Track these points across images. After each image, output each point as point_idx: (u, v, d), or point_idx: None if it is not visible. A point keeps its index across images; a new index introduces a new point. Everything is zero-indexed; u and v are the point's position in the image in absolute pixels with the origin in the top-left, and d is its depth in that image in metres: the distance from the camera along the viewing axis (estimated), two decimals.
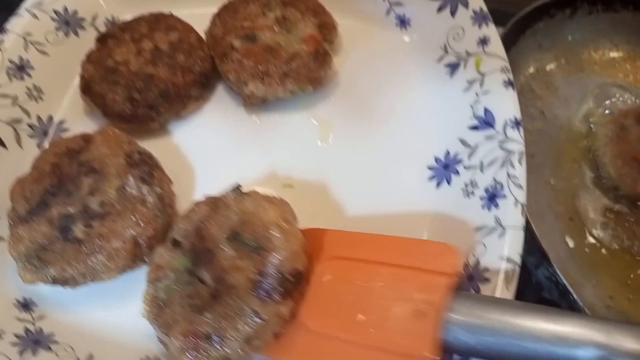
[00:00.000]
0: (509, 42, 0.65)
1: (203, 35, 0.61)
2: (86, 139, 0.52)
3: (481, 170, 0.49)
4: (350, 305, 0.41)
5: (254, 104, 0.57)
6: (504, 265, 0.42)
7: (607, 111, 0.69)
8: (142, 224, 0.48)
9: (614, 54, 0.74)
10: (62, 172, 0.50)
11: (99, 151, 0.51)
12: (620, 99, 0.70)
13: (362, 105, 0.58)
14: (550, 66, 0.72)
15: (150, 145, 0.54)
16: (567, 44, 0.73)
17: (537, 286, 0.55)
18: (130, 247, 0.47)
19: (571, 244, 0.60)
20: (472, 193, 0.49)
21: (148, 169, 0.51)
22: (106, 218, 0.47)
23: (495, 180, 0.47)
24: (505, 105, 0.50)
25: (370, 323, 0.40)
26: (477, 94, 0.53)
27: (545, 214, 0.62)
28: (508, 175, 0.47)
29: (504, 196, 0.46)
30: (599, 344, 0.33)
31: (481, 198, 0.48)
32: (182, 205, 0.53)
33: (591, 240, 0.60)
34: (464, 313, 0.37)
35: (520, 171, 0.46)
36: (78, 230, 0.47)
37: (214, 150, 0.57)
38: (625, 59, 0.74)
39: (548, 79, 0.72)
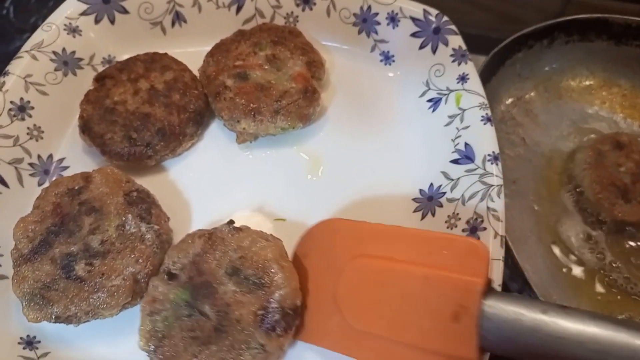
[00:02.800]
0: (489, 73, 0.68)
1: (197, 73, 0.63)
2: (86, 178, 0.54)
3: (463, 203, 0.52)
4: (387, 305, 0.43)
5: (246, 140, 0.60)
6: None
7: (585, 137, 0.72)
8: (141, 261, 0.50)
9: (590, 82, 0.77)
10: (63, 212, 0.52)
11: (98, 190, 0.53)
12: (597, 125, 0.73)
13: (349, 139, 0.61)
14: (529, 94, 0.75)
15: (147, 182, 0.56)
16: (546, 73, 0.76)
17: None
18: (130, 284, 0.49)
19: (553, 267, 0.63)
20: (455, 225, 0.51)
21: (146, 206, 0.53)
22: (107, 256, 0.49)
23: (476, 212, 0.50)
24: (485, 140, 0.53)
25: (409, 323, 0.41)
26: (457, 129, 0.56)
27: (529, 238, 0.64)
28: (488, 208, 0.49)
29: (484, 229, 0.49)
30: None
31: (463, 230, 0.50)
32: (179, 240, 0.55)
33: (572, 264, 0.63)
34: (501, 313, 0.38)
35: (499, 204, 0.49)
36: (80, 268, 0.49)
37: (208, 186, 0.59)
38: (601, 86, 0.77)
39: (528, 106, 0.75)
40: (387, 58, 0.66)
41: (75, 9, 0.64)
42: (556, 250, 0.64)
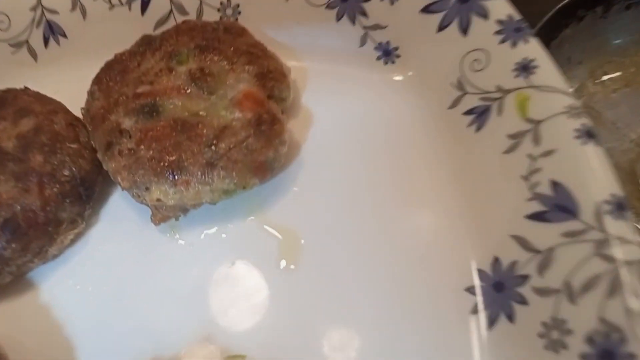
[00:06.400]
0: None
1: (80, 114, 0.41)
2: None
3: (570, 299, 0.28)
4: None
5: (168, 217, 0.38)
6: None
7: None
8: None
9: None
10: None
11: None
12: None
13: (342, 195, 0.39)
14: (586, 85, 0.58)
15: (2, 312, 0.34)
16: (604, 53, 0.58)
17: None
18: None
19: None
20: (562, 345, 0.28)
21: None
22: None
23: (604, 322, 0.27)
24: (591, 173, 0.30)
25: None
26: (531, 157, 0.33)
27: None
28: (626, 311, 0.26)
29: (630, 356, 0.26)
30: None
31: (582, 357, 0.27)
32: None
33: None
34: None
35: None
36: None
37: (110, 305, 0.37)
38: None
39: (586, 102, 0.57)
40: (386, 54, 0.43)
41: None
42: None
